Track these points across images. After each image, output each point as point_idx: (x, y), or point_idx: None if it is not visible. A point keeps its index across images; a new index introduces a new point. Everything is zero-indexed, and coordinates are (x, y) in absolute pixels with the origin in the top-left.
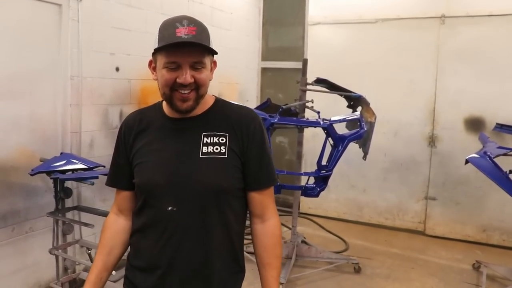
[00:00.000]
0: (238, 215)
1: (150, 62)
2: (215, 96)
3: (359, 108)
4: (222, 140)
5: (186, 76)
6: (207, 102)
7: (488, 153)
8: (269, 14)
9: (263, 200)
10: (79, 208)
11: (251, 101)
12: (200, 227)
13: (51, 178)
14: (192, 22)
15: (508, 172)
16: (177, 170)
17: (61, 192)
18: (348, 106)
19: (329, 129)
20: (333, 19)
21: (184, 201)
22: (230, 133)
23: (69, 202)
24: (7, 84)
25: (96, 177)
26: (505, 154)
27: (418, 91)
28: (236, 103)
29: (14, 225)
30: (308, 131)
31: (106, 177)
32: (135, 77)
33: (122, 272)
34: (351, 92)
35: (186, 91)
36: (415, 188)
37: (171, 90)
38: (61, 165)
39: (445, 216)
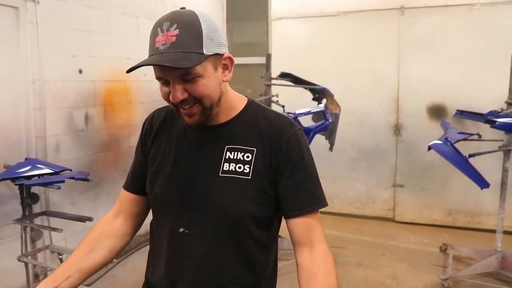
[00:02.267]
0: (264, 245)
1: None
2: (248, 98)
3: (324, 100)
4: (248, 157)
5: (174, 94)
6: (236, 107)
7: (450, 139)
8: (232, 10)
9: (309, 227)
10: (47, 213)
11: None
12: (212, 256)
13: (16, 185)
14: (175, 22)
15: (467, 156)
16: (193, 187)
17: (28, 198)
18: (313, 99)
19: None
20: (296, 13)
21: (197, 224)
22: (258, 148)
23: (37, 208)
24: None
25: (63, 181)
26: (465, 139)
27: (382, 81)
28: (273, 110)
29: None
30: None
31: (73, 180)
32: (99, 78)
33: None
34: (315, 85)
35: (186, 106)
36: (383, 176)
37: (174, 106)
38: (26, 171)
39: (413, 202)
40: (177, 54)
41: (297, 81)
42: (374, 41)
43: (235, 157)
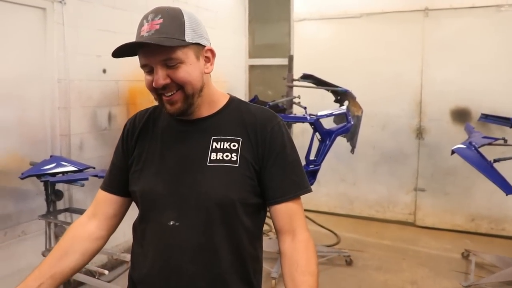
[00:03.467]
0: (252, 235)
1: None
2: (230, 95)
3: (346, 103)
4: (234, 146)
5: (157, 78)
6: (219, 102)
7: (474, 143)
8: (254, 11)
9: (292, 214)
10: (70, 210)
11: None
12: (205, 247)
13: (41, 181)
14: (160, 13)
15: (492, 161)
16: (181, 179)
17: (52, 195)
18: (335, 101)
19: (316, 124)
20: (318, 15)
21: (187, 215)
22: (243, 138)
23: (60, 204)
24: None
25: (86, 179)
26: (490, 144)
27: (405, 84)
28: (256, 104)
29: (7, 229)
30: (296, 127)
31: (97, 178)
32: (123, 78)
33: (117, 271)
34: (337, 86)
35: (169, 94)
36: (404, 180)
37: (157, 94)
38: (51, 168)
39: (434, 206)
40: (160, 38)
41: (319, 82)
42: (397, 43)
43: (221, 147)
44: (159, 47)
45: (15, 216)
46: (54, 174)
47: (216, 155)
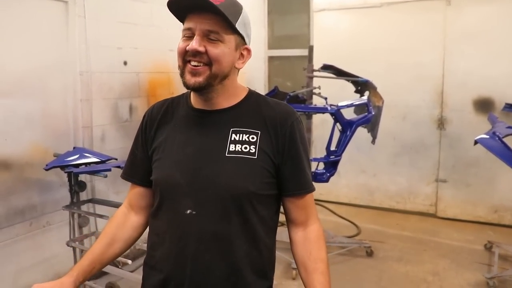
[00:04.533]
0: (267, 226)
1: None
2: (249, 89)
3: (367, 93)
4: (253, 138)
5: (194, 43)
6: (239, 95)
7: (497, 133)
8: (274, 2)
9: (306, 206)
10: (93, 200)
11: (259, 90)
12: (221, 236)
13: (65, 172)
14: None
15: None
16: (199, 169)
17: (76, 186)
18: (356, 91)
19: (336, 114)
20: (338, 5)
21: (205, 204)
22: (262, 131)
23: (83, 195)
24: (19, 82)
25: (109, 170)
26: None
27: (426, 74)
28: (273, 99)
29: (32, 219)
30: (316, 118)
31: (119, 169)
32: (143, 70)
33: (139, 261)
34: (358, 77)
35: (195, 63)
36: (425, 171)
37: (184, 62)
38: (74, 160)
39: (456, 198)
40: (217, 8)
41: (340, 73)
42: (418, 33)
43: (240, 139)
44: (210, 18)
45: (39, 207)
46: (77, 166)
47: (235, 147)
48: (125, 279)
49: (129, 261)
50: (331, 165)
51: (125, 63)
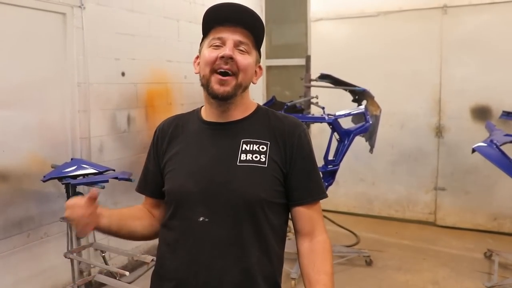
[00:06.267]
0: (278, 235)
1: (196, 58)
2: (258, 104)
3: (364, 102)
4: (263, 148)
5: (227, 49)
6: (249, 108)
7: (495, 141)
8: (271, 12)
9: (313, 216)
10: None
11: (257, 99)
12: (234, 242)
13: (62, 184)
14: (249, 10)
15: None
16: (212, 177)
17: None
18: (353, 100)
19: (334, 124)
20: (335, 14)
21: (217, 211)
22: (271, 141)
23: None
24: (16, 93)
25: (107, 181)
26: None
27: (423, 82)
28: (280, 112)
29: (30, 231)
30: (314, 127)
31: (116, 180)
32: (141, 81)
33: (137, 272)
34: (355, 86)
35: (225, 72)
36: (424, 179)
37: (211, 72)
38: (72, 171)
39: (455, 206)
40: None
41: (337, 82)
42: (415, 42)
43: (251, 149)
44: (241, 31)
45: (37, 218)
46: (75, 177)
47: (246, 156)
48: None
49: (127, 273)
50: (329, 175)
51: (123, 74)
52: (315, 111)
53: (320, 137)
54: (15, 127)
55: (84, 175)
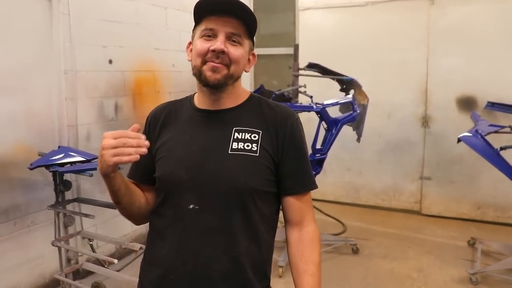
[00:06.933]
0: (268, 224)
1: (189, 44)
2: (250, 92)
3: (352, 91)
4: (255, 137)
5: (219, 42)
6: (241, 96)
7: (480, 131)
8: (259, 0)
9: (302, 206)
10: (79, 200)
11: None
12: (223, 230)
13: (50, 172)
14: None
15: (499, 149)
16: (203, 165)
17: (61, 185)
18: (341, 90)
19: (322, 113)
20: (323, 4)
21: (207, 199)
22: (263, 130)
23: (69, 195)
24: (1, 81)
25: (95, 169)
26: (496, 132)
27: (410, 72)
28: (274, 101)
29: (16, 219)
30: (302, 116)
31: None
32: (129, 68)
33: (125, 260)
34: (343, 75)
35: (218, 61)
36: (410, 168)
37: (203, 62)
38: (59, 159)
39: (440, 195)
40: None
41: (325, 71)
42: (402, 32)
43: (243, 137)
44: (233, 21)
45: (24, 206)
46: (62, 165)
47: (238, 145)
48: (111, 278)
49: (115, 260)
50: (317, 164)
51: (110, 61)
52: (303, 100)
53: (308, 127)
54: (1, 115)
55: (71, 163)
